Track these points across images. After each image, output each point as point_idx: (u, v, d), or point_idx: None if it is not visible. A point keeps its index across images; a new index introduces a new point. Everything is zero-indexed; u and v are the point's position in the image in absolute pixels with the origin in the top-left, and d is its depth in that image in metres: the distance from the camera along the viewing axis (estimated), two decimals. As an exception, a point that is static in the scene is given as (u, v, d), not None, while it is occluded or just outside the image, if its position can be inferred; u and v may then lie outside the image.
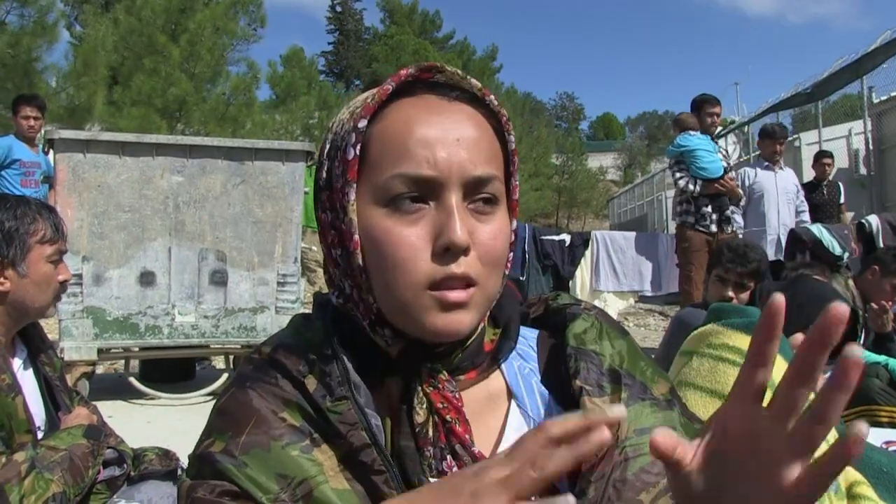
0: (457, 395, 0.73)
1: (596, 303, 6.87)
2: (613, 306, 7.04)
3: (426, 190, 0.70)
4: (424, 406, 0.72)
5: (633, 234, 7.49)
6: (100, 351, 4.44)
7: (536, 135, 30.49)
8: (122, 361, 4.89)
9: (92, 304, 4.39)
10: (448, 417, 0.72)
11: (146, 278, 4.50)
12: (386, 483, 0.68)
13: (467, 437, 0.72)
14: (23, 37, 8.93)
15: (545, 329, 0.86)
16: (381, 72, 25.65)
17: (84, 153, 4.40)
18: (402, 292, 0.70)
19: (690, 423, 0.79)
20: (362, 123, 0.72)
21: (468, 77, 0.74)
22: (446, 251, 0.68)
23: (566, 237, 7.07)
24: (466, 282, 0.69)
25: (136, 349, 4.66)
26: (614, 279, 6.99)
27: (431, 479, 0.69)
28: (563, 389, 0.78)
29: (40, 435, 1.75)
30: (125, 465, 1.90)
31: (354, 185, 0.72)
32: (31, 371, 1.86)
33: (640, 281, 7.06)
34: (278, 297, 4.74)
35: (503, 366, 0.80)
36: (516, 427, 0.76)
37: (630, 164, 44.96)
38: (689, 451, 0.54)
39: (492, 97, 0.74)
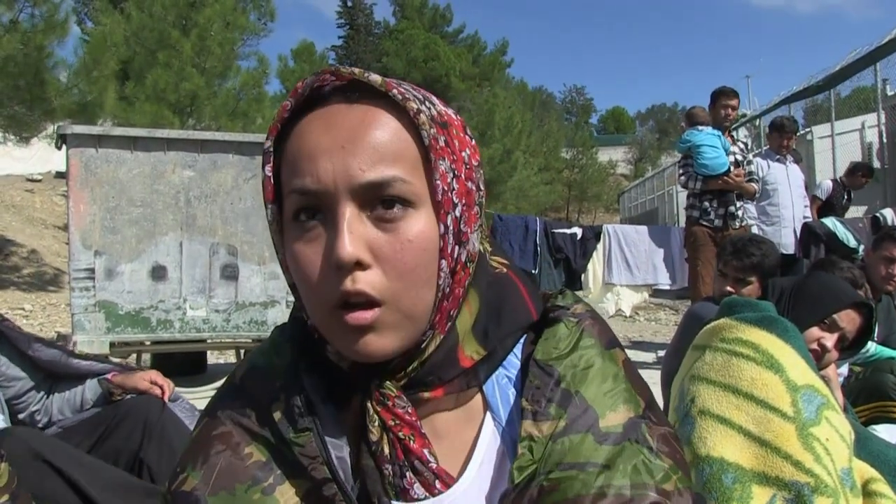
0: (409, 411, 0.69)
1: (609, 296, 6.84)
2: (628, 300, 6.98)
3: (318, 204, 0.65)
4: (376, 424, 0.69)
5: (645, 228, 7.42)
6: (112, 345, 4.47)
7: (546, 129, 30.44)
8: (134, 355, 4.92)
9: (104, 299, 4.42)
10: (401, 434, 0.68)
11: (158, 273, 4.52)
12: None
13: (425, 452, 0.69)
14: (34, 35, 8.95)
15: (536, 331, 0.77)
16: (391, 66, 25.65)
17: (96, 148, 4.43)
18: (314, 312, 0.69)
19: (650, 461, 0.67)
20: (268, 144, 0.70)
21: (368, 73, 0.67)
22: (339, 269, 0.63)
23: (578, 231, 7.02)
24: (368, 300, 0.64)
25: (148, 343, 4.69)
26: (627, 272, 6.92)
27: (392, 499, 0.68)
28: None
29: None
30: None
31: (271, 206, 0.70)
32: None
33: (655, 274, 6.99)
34: (289, 292, 4.75)
35: (481, 375, 0.74)
36: (489, 440, 0.72)
37: (640, 158, 44.83)
38: None
39: (395, 90, 0.67)
